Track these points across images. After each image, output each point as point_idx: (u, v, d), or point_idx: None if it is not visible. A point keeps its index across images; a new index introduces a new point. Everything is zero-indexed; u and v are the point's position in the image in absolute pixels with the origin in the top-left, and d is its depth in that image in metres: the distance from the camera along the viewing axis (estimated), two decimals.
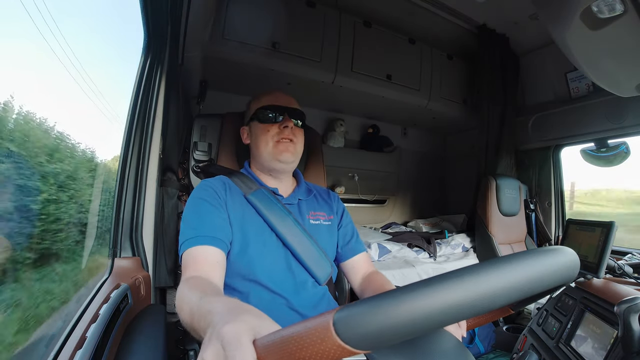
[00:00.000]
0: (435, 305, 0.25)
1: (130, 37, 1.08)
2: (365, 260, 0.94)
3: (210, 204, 0.76)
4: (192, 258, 0.67)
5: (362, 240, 0.98)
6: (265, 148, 0.85)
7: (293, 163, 0.88)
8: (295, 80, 1.79)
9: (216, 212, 0.75)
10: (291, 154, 0.84)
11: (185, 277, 0.64)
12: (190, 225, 0.72)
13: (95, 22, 1.02)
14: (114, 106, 1.04)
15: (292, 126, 0.85)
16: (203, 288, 0.55)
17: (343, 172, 2.38)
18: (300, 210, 0.88)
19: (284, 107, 0.87)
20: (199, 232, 0.70)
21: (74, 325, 0.60)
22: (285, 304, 0.75)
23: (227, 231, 0.75)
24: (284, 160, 0.84)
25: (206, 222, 0.73)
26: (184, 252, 0.69)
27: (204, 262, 0.67)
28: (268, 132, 0.85)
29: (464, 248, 2.02)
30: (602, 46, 0.91)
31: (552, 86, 1.98)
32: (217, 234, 0.71)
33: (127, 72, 1.02)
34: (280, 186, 0.89)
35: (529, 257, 0.30)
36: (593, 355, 0.81)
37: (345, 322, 0.26)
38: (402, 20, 1.93)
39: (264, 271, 0.76)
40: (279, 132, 0.84)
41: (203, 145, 1.06)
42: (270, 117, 0.86)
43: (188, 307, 0.48)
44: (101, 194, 1.04)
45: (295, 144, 0.85)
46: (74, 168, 0.90)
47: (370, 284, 0.86)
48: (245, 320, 0.33)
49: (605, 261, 0.95)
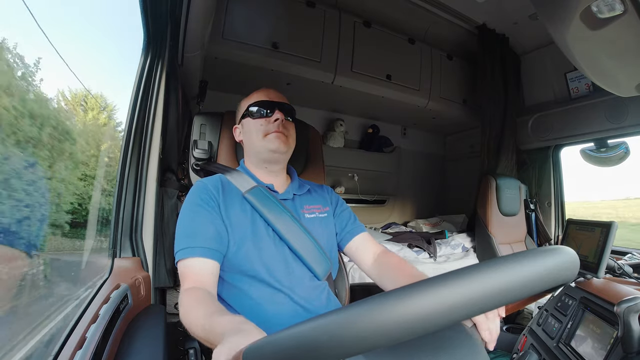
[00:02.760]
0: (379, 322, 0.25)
1: (130, 37, 1.08)
2: (368, 239, 0.93)
3: (205, 210, 0.77)
4: (188, 269, 0.71)
5: (360, 222, 0.97)
6: (257, 141, 0.86)
7: (286, 154, 0.88)
8: (295, 80, 1.79)
9: (210, 219, 0.76)
10: (284, 144, 0.85)
11: (184, 288, 0.68)
12: (185, 234, 0.74)
13: (95, 22, 1.02)
14: (114, 106, 1.05)
15: (283, 119, 0.86)
16: (207, 303, 0.61)
17: (343, 172, 2.38)
18: (295, 205, 0.89)
19: (274, 102, 0.88)
20: (193, 243, 0.72)
21: (74, 326, 0.60)
22: (287, 298, 0.76)
23: (222, 240, 0.75)
24: (276, 150, 0.85)
25: (200, 231, 0.74)
26: (179, 261, 0.72)
27: (200, 273, 0.70)
28: (260, 125, 0.86)
29: (464, 248, 2.02)
30: (602, 46, 0.91)
31: (552, 86, 1.98)
32: (211, 245, 0.73)
33: (127, 72, 1.02)
34: (275, 182, 0.89)
35: (528, 256, 0.30)
36: (593, 355, 0.81)
37: (253, 357, 0.29)
38: (402, 20, 1.93)
39: (263, 266, 0.76)
40: (270, 125, 0.85)
41: (203, 143, 1.06)
42: (261, 113, 0.87)
43: (197, 324, 0.56)
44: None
45: (287, 136, 0.87)
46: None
47: (387, 268, 0.84)
48: (229, 341, 0.40)
49: (605, 261, 0.95)
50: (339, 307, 0.28)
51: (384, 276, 0.84)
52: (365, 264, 0.90)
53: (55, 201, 0.93)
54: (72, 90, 1.09)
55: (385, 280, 0.84)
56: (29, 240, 0.75)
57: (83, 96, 1.13)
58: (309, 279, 0.81)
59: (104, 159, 1.24)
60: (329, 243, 0.89)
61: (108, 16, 1.04)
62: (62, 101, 1.04)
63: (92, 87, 1.08)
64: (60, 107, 1.03)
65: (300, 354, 0.26)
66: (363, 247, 0.92)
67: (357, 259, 0.92)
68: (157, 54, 1.04)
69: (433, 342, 0.47)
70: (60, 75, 0.90)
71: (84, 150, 1.12)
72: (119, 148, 0.98)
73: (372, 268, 0.88)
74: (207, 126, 1.10)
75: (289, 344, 0.26)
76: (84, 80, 1.00)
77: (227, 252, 0.76)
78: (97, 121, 1.23)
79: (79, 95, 1.12)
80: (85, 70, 0.95)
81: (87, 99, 1.16)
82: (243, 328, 0.45)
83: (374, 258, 0.89)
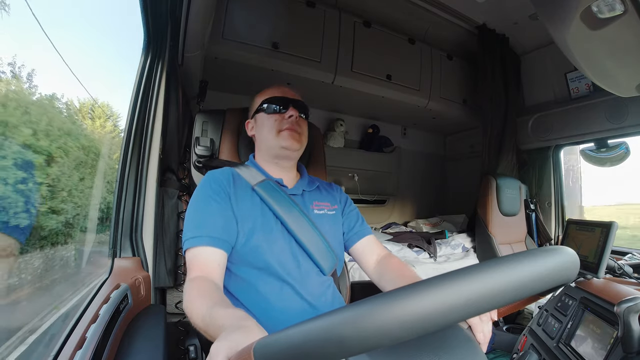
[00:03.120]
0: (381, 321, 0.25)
1: (130, 37, 1.08)
2: (373, 242, 0.94)
3: (215, 201, 0.77)
4: (196, 258, 0.70)
5: (367, 225, 0.97)
6: (270, 136, 0.86)
7: (298, 151, 0.88)
8: (295, 80, 1.79)
9: (220, 210, 0.76)
10: (296, 141, 0.85)
11: (190, 277, 0.68)
12: (194, 223, 0.74)
13: (95, 22, 1.02)
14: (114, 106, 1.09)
15: (297, 116, 0.87)
16: (211, 294, 0.60)
17: (343, 172, 2.38)
18: (304, 200, 0.89)
19: (288, 99, 0.88)
20: (202, 232, 0.71)
21: (74, 326, 0.60)
22: (293, 292, 0.76)
23: (230, 231, 0.75)
24: (289, 147, 0.85)
25: (209, 221, 0.73)
26: (187, 249, 0.71)
27: (207, 263, 0.69)
28: (274, 121, 0.86)
29: (464, 248, 2.02)
30: (602, 46, 0.91)
31: (552, 86, 1.98)
32: (220, 235, 0.72)
33: (127, 72, 1.02)
34: (285, 177, 0.89)
35: (529, 257, 0.30)
36: (593, 355, 0.81)
37: (263, 353, 0.28)
38: (402, 20, 1.93)
39: (272, 258, 0.76)
40: (284, 122, 0.86)
41: (205, 140, 1.06)
42: (275, 109, 0.87)
43: (198, 313, 0.55)
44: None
45: (300, 134, 0.87)
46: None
47: (388, 270, 0.85)
48: (229, 339, 0.40)
49: (605, 261, 0.95)
50: (347, 305, 0.28)
51: (383, 278, 0.85)
52: (369, 266, 0.91)
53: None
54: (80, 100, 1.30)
55: (384, 282, 0.84)
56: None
57: (91, 105, 1.29)
58: (316, 274, 0.81)
59: (114, 166, 1.40)
60: (336, 240, 0.89)
61: (108, 16, 1.05)
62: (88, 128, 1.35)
63: (95, 89, 1.15)
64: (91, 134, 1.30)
65: (310, 351, 0.26)
66: (369, 250, 0.92)
67: (361, 260, 0.93)
68: (157, 54, 1.04)
69: (433, 342, 0.47)
70: (74, 89, 0.94)
71: (105, 163, 1.38)
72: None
73: (374, 270, 0.89)
74: (209, 123, 1.11)
75: (300, 341, 0.26)
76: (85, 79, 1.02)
77: (236, 243, 0.76)
78: (104, 129, 1.47)
79: (87, 105, 1.34)
80: (85, 70, 0.95)
81: (94, 109, 1.28)
82: (244, 325, 0.44)
83: (377, 261, 0.90)
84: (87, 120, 1.33)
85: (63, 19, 0.87)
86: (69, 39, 0.82)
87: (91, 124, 1.36)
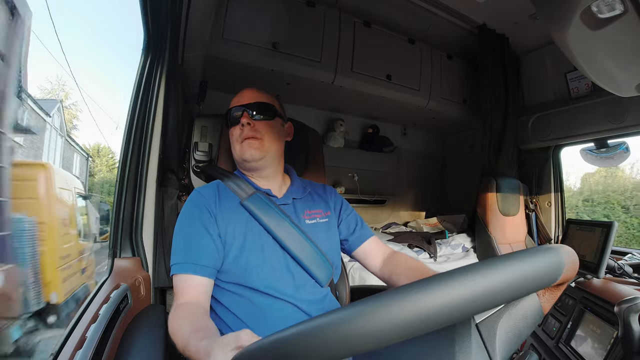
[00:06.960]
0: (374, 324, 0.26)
1: (130, 37, 1.08)
2: (376, 243, 0.93)
3: (200, 222, 0.76)
4: (182, 284, 0.71)
5: (368, 226, 0.97)
6: (235, 149, 0.85)
7: (262, 160, 0.83)
8: (295, 80, 1.79)
9: (205, 232, 0.75)
10: (255, 150, 0.81)
11: (176, 304, 0.69)
12: (180, 247, 0.75)
13: (95, 22, 1.03)
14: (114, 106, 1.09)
15: (248, 122, 0.82)
16: (191, 320, 0.62)
17: (343, 172, 2.38)
18: (295, 210, 0.86)
19: (243, 105, 0.84)
20: (187, 259, 0.72)
21: (74, 326, 0.60)
22: (289, 305, 0.75)
23: (215, 254, 0.75)
24: (249, 159, 0.82)
25: (194, 246, 0.74)
26: (174, 275, 0.73)
27: (192, 290, 0.71)
28: (234, 135, 0.84)
29: (464, 248, 2.02)
30: (602, 46, 0.91)
31: (552, 86, 1.98)
32: (206, 262, 0.73)
33: (127, 72, 1.02)
34: (272, 186, 0.87)
35: (527, 256, 0.30)
36: (593, 355, 0.81)
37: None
38: (402, 20, 1.93)
39: (264, 277, 0.75)
40: (241, 132, 0.83)
41: (204, 145, 1.06)
42: (234, 119, 0.85)
43: (180, 340, 0.57)
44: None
45: (260, 139, 0.82)
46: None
47: (398, 265, 0.84)
48: (217, 356, 0.43)
49: (605, 261, 0.95)
50: (330, 310, 0.29)
51: (395, 273, 0.84)
52: (375, 267, 0.90)
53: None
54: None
55: (395, 277, 0.83)
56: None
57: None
58: (312, 286, 0.80)
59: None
60: (331, 248, 0.87)
61: (108, 16, 1.05)
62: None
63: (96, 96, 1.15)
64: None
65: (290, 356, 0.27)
66: (374, 251, 0.91)
67: (367, 262, 0.92)
68: (157, 54, 1.04)
69: (433, 342, 0.47)
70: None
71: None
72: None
73: (382, 269, 0.88)
74: (208, 128, 1.10)
75: (281, 349, 0.28)
76: (84, 80, 1.01)
77: (225, 262, 0.75)
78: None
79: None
80: (84, 70, 0.95)
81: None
82: (223, 340, 0.46)
83: (383, 260, 0.89)
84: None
85: (63, 19, 0.87)
86: (69, 39, 0.82)
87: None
